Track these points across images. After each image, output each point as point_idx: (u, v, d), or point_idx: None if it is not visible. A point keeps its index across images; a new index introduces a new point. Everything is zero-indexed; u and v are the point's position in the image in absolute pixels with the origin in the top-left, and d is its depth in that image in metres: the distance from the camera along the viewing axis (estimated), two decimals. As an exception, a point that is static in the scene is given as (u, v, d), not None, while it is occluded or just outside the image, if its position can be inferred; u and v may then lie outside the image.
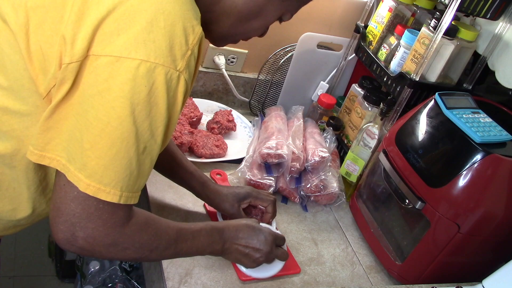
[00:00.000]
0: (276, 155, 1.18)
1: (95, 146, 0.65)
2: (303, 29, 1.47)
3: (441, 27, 1.06)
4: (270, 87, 1.55)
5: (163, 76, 0.64)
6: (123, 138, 0.65)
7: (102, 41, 0.63)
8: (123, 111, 0.64)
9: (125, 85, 0.63)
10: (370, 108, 1.32)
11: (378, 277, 1.09)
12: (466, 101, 1.03)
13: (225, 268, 0.97)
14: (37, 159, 0.68)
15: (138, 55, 0.63)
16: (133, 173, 0.67)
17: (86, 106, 0.65)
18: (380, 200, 1.14)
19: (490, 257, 1.01)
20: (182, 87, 0.67)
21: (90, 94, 0.64)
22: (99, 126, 0.64)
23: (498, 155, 0.90)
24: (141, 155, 0.67)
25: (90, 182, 0.65)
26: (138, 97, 0.64)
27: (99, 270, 1.56)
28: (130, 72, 0.63)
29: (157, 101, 0.65)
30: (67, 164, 0.66)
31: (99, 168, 0.65)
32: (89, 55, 0.64)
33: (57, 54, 0.65)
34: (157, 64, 0.63)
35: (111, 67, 0.63)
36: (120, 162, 0.66)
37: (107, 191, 0.66)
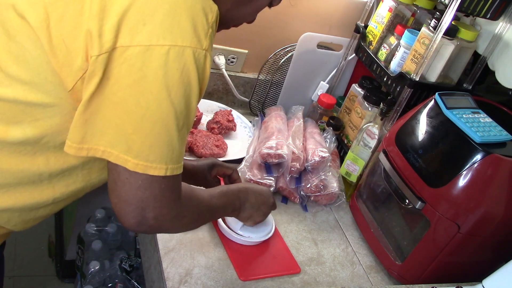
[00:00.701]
0: (276, 155, 1.18)
1: (139, 130, 0.69)
2: (303, 29, 1.47)
3: (441, 27, 1.06)
4: (270, 87, 1.55)
5: (191, 57, 0.68)
6: (163, 119, 0.69)
7: (129, 32, 0.66)
8: (161, 95, 0.68)
9: (159, 71, 0.67)
10: (370, 108, 1.32)
11: (378, 277, 1.09)
12: (466, 101, 1.03)
13: (225, 268, 0.97)
14: (75, 152, 0.71)
15: (166, 41, 0.66)
16: (175, 148, 0.72)
17: (123, 95, 0.68)
18: (380, 200, 1.14)
19: (490, 257, 1.01)
20: (209, 63, 0.72)
21: (126, 83, 0.67)
22: (140, 111, 0.68)
23: (498, 155, 0.90)
24: (181, 130, 0.72)
25: (138, 161, 0.69)
26: (172, 80, 0.68)
27: (99, 270, 1.56)
28: (161, 58, 0.66)
29: (189, 80, 0.69)
30: (108, 149, 0.70)
31: (145, 148, 0.69)
32: (117, 46, 0.66)
33: (82, 46, 0.67)
34: (185, 47, 0.67)
35: (143, 56, 0.66)
36: (163, 141, 0.70)
37: (153, 167, 0.70)
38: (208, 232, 1.05)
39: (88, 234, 1.65)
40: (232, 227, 1.04)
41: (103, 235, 1.66)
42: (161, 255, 0.95)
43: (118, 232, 1.68)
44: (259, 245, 1.05)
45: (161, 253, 0.96)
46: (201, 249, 1.00)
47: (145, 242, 1.07)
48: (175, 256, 0.96)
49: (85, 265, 1.61)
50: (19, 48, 0.70)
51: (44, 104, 0.72)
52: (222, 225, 1.04)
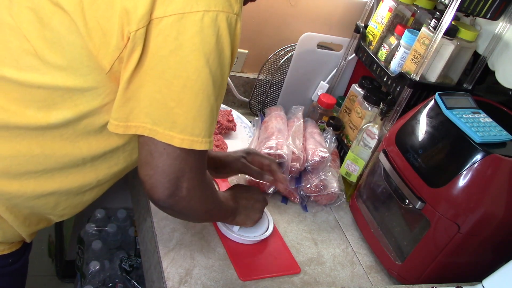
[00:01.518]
0: (276, 155, 1.18)
1: (181, 102, 0.69)
2: (303, 29, 1.47)
3: (441, 27, 1.06)
4: (270, 87, 1.55)
5: (225, 21, 0.68)
6: (203, 89, 0.69)
7: (163, 3, 0.66)
8: (199, 62, 0.68)
9: (195, 38, 0.67)
10: (370, 108, 1.32)
11: (378, 277, 1.09)
12: (466, 101, 1.03)
13: (225, 268, 0.97)
14: (123, 131, 0.72)
15: (199, 7, 0.66)
16: (214, 119, 0.74)
17: (161, 68, 0.68)
18: (380, 200, 1.14)
19: (490, 257, 1.01)
20: (239, 28, 0.72)
21: (162, 55, 0.67)
22: (180, 82, 0.68)
23: (498, 155, 0.90)
24: (216, 101, 0.73)
25: (183, 136, 0.70)
26: (209, 46, 0.68)
27: (99, 270, 1.56)
28: (196, 24, 0.66)
29: (223, 46, 0.69)
30: (154, 127, 0.70)
31: (189, 121, 0.70)
32: (152, 19, 0.66)
33: (117, 26, 0.68)
34: (218, 12, 0.67)
35: (177, 25, 0.66)
36: (205, 112, 0.71)
37: (199, 141, 0.72)
38: (208, 232, 1.05)
39: (88, 234, 1.65)
40: (230, 227, 1.04)
41: (103, 235, 1.66)
42: (161, 255, 0.95)
43: (118, 232, 1.68)
44: (259, 245, 1.05)
45: (161, 253, 0.96)
46: (201, 249, 1.00)
47: (145, 242, 1.07)
48: (175, 256, 0.96)
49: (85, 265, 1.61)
50: (54, 35, 0.71)
51: (82, 89, 0.73)
52: (221, 225, 1.04)
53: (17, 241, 0.87)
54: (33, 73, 0.72)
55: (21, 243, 0.89)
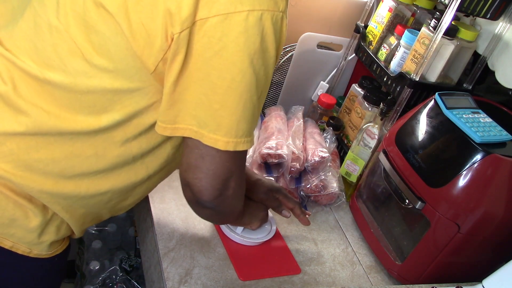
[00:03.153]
0: (276, 155, 1.18)
1: (225, 104, 0.69)
2: (303, 29, 1.47)
3: (441, 27, 1.06)
4: (270, 87, 1.55)
5: (270, 20, 0.67)
6: (247, 90, 0.69)
7: (206, 4, 0.65)
8: (243, 63, 0.67)
9: (239, 38, 0.66)
10: (370, 108, 1.32)
11: (378, 277, 1.09)
12: (466, 101, 1.03)
13: (225, 268, 0.97)
14: (171, 133, 0.73)
15: (244, 6, 0.65)
16: (256, 118, 0.74)
17: (206, 70, 0.67)
18: (380, 200, 1.14)
19: (490, 257, 1.01)
20: (285, 26, 0.71)
21: (207, 57, 0.67)
22: (225, 84, 0.67)
23: (498, 155, 0.90)
24: (259, 99, 0.72)
25: (228, 139, 0.71)
26: (253, 47, 0.67)
27: (99, 270, 1.56)
28: (240, 25, 0.65)
29: (267, 46, 0.69)
30: (200, 130, 0.70)
31: (233, 124, 0.70)
32: (196, 20, 0.66)
33: (161, 27, 0.67)
34: (263, 11, 0.66)
35: (222, 26, 0.65)
36: (248, 113, 0.71)
37: (243, 142, 0.72)
38: (208, 232, 1.05)
39: (88, 234, 1.65)
40: (234, 229, 1.04)
41: (103, 235, 1.66)
42: (161, 255, 0.95)
43: (118, 232, 1.67)
44: (259, 245, 1.05)
45: (161, 253, 0.96)
46: (201, 249, 1.00)
47: (145, 242, 1.07)
48: (175, 256, 0.96)
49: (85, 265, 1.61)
50: (100, 37, 0.71)
51: (130, 90, 0.73)
52: (224, 226, 1.04)
53: (66, 237, 0.89)
54: (81, 77, 0.72)
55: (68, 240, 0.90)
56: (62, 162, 0.77)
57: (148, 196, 1.08)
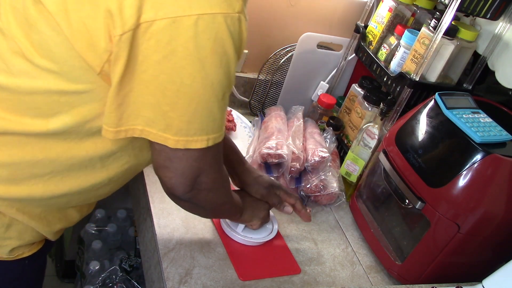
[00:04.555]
0: (276, 155, 1.18)
1: (175, 106, 0.67)
2: (303, 29, 1.47)
3: (441, 27, 1.06)
4: (270, 87, 1.55)
5: (223, 24, 0.64)
6: (200, 93, 0.67)
7: (152, 6, 0.62)
8: (193, 68, 0.65)
9: (189, 43, 0.63)
10: (370, 108, 1.32)
11: (378, 277, 1.09)
12: (466, 101, 1.03)
13: (225, 268, 0.97)
14: (114, 136, 0.70)
15: (193, 10, 0.62)
16: (216, 118, 0.71)
17: (154, 72, 0.65)
18: (380, 200, 1.14)
19: (490, 257, 1.01)
20: (244, 26, 0.68)
21: (155, 60, 0.64)
22: (174, 87, 0.66)
23: (498, 155, 0.90)
24: (221, 101, 0.70)
25: (178, 138, 0.69)
26: (204, 51, 0.64)
27: (99, 270, 1.56)
28: (190, 29, 0.63)
29: (225, 49, 0.66)
30: (146, 128, 0.69)
31: (184, 124, 0.69)
32: (141, 22, 0.63)
33: (103, 27, 0.64)
34: (214, 14, 0.63)
35: (170, 29, 0.62)
36: (201, 114, 0.69)
37: (195, 140, 0.70)
38: (208, 232, 1.05)
39: (88, 234, 1.65)
40: (234, 227, 1.04)
41: (103, 235, 1.66)
42: (161, 255, 0.95)
43: (118, 232, 1.68)
44: (259, 245, 1.05)
45: (161, 253, 0.96)
46: (201, 249, 1.00)
47: (145, 242, 1.06)
48: (175, 256, 0.96)
49: (85, 265, 1.61)
50: (41, 37, 0.68)
51: (77, 91, 0.70)
52: (224, 225, 1.04)
53: (38, 241, 0.87)
54: (24, 77, 0.70)
55: (43, 243, 0.88)
56: (12, 166, 0.75)
57: (148, 196, 1.08)
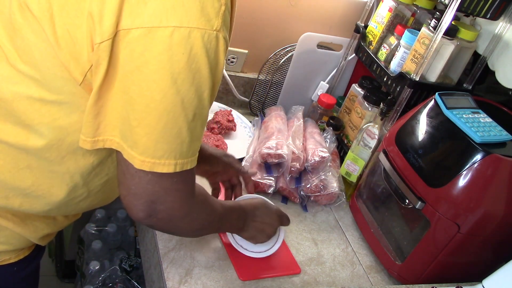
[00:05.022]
0: (276, 155, 1.18)
1: (143, 122, 0.64)
2: (303, 29, 1.47)
3: (441, 27, 1.06)
4: (270, 87, 1.55)
5: (199, 40, 0.62)
6: (169, 110, 0.64)
7: (130, 14, 0.61)
8: (165, 83, 0.62)
9: (162, 56, 0.61)
10: (370, 108, 1.32)
11: (378, 277, 1.09)
12: (466, 101, 1.03)
13: (225, 268, 0.97)
14: (91, 146, 0.68)
15: (169, 22, 0.60)
16: (185, 141, 0.67)
17: (127, 83, 0.63)
18: (380, 200, 1.14)
19: (490, 257, 1.01)
20: (222, 46, 0.65)
21: (128, 70, 0.63)
22: (143, 101, 0.63)
23: (498, 155, 0.90)
24: (192, 122, 0.66)
25: (144, 158, 0.65)
26: (178, 66, 0.62)
27: (99, 270, 1.56)
28: (164, 41, 0.60)
29: (198, 66, 0.63)
30: (121, 142, 0.66)
31: (151, 143, 0.65)
32: (119, 30, 0.61)
33: (86, 35, 0.63)
34: (191, 28, 0.61)
35: (144, 40, 0.61)
36: (170, 133, 0.65)
37: (162, 163, 0.66)
38: (208, 232, 1.05)
39: (88, 234, 1.65)
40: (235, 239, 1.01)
41: (103, 235, 1.66)
42: (161, 255, 0.95)
43: (118, 232, 1.68)
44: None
45: (161, 253, 0.96)
46: (201, 249, 1.00)
47: (145, 242, 1.06)
48: (175, 256, 0.96)
49: (85, 265, 1.61)
50: (25, 43, 0.67)
51: (58, 101, 0.69)
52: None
53: (27, 247, 0.85)
54: (6, 82, 0.69)
55: (32, 248, 0.87)
56: None
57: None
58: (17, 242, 0.82)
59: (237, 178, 1.09)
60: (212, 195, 1.06)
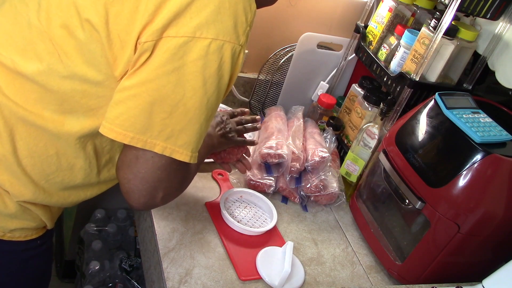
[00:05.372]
0: (276, 155, 1.18)
1: (172, 114, 0.74)
2: (303, 29, 1.47)
3: (441, 27, 1.06)
4: (270, 87, 1.55)
5: (229, 51, 0.74)
6: (196, 107, 0.75)
7: (177, 25, 0.72)
8: (197, 83, 0.73)
9: (199, 61, 0.72)
10: (370, 108, 1.32)
11: (378, 277, 1.09)
12: (466, 101, 1.03)
13: (225, 268, 0.97)
14: (106, 132, 0.76)
15: (209, 34, 0.72)
16: (201, 136, 0.79)
17: (162, 81, 0.73)
18: (380, 200, 1.14)
19: (490, 257, 1.01)
20: (242, 58, 0.78)
21: (165, 70, 0.72)
22: (176, 97, 0.73)
23: (498, 155, 0.90)
24: (208, 121, 0.78)
25: (166, 144, 0.75)
26: (209, 71, 0.73)
27: (99, 270, 1.56)
28: (203, 49, 0.72)
29: (223, 73, 0.75)
30: (137, 136, 0.74)
31: (175, 132, 0.75)
32: (163, 37, 0.72)
33: (133, 40, 0.73)
34: (225, 41, 0.73)
35: (185, 46, 0.72)
36: (193, 127, 0.76)
37: (180, 152, 0.76)
38: (208, 232, 1.05)
39: (88, 234, 1.65)
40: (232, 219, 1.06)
41: (103, 235, 1.66)
42: (161, 255, 0.95)
43: (118, 232, 1.68)
44: (259, 245, 1.05)
45: (161, 253, 0.96)
46: (201, 249, 1.00)
47: (145, 242, 1.07)
48: (175, 256, 0.96)
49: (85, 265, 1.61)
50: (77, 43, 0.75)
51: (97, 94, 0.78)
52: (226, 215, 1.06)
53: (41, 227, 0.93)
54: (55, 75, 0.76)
55: (45, 230, 0.94)
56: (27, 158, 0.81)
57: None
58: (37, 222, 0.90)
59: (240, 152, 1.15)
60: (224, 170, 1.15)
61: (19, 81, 0.78)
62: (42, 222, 0.91)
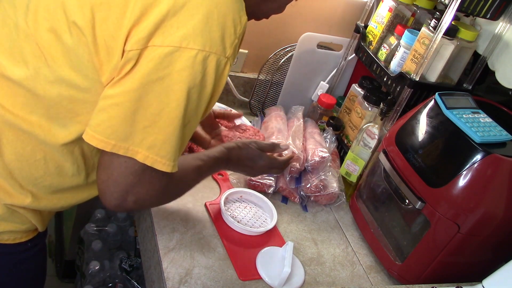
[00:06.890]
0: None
1: (155, 123, 0.73)
2: (303, 29, 1.47)
3: (441, 27, 1.06)
4: (270, 87, 1.55)
5: (214, 62, 0.73)
6: (179, 117, 0.74)
7: (163, 34, 0.71)
8: (181, 93, 0.73)
9: (184, 71, 0.71)
10: (370, 108, 1.32)
11: (378, 277, 1.09)
12: (466, 101, 1.03)
13: (225, 268, 0.97)
14: (89, 139, 0.75)
15: (196, 45, 0.71)
16: (182, 145, 0.78)
17: (145, 90, 0.72)
18: (380, 200, 1.14)
19: (490, 257, 1.01)
20: (227, 70, 0.77)
21: (150, 79, 0.72)
22: (159, 106, 0.73)
23: (498, 155, 0.90)
24: (185, 128, 0.77)
25: (148, 154, 0.74)
26: (194, 82, 0.73)
27: (99, 270, 1.56)
28: (189, 60, 0.71)
29: (206, 84, 0.75)
30: (119, 143, 0.74)
31: (158, 142, 0.74)
32: (149, 46, 0.71)
33: (120, 46, 0.72)
34: (211, 53, 0.72)
35: (171, 56, 0.71)
36: (175, 138, 0.75)
37: (162, 162, 0.75)
38: (208, 232, 1.05)
39: (88, 234, 1.65)
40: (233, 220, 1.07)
41: (103, 235, 1.66)
42: (161, 255, 0.95)
43: (118, 232, 1.68)
44: (259, 245, 1.05)
45: (161, 253, 0.96)
46: (201, 249, 1.00)
47: (145, 242, 1.07)
48: (175, 256, 0.96)
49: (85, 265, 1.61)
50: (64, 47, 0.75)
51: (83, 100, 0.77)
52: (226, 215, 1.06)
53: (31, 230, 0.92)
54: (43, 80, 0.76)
55: (36, 232, 0.93)
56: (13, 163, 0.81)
57: (148, 196, 1.09)
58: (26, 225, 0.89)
59: None
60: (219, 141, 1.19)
61: (7, 84, 0.77)
62: (32, 225, 0.89)
